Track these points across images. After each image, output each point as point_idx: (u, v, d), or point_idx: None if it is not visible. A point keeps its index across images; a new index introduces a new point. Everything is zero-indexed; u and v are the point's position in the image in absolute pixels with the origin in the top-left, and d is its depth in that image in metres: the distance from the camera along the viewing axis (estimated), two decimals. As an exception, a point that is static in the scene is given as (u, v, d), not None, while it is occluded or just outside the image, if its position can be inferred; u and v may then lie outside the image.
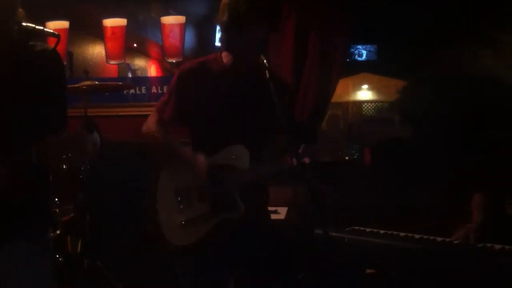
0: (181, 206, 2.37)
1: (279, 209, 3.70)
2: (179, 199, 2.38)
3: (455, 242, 2.47)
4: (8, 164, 1.86)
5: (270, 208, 2.84)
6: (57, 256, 3.46)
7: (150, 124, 2.46)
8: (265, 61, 2.21)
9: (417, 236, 2.58)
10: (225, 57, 2.43)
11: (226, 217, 2.29)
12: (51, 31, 2.07)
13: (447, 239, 2.49)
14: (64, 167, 3.58)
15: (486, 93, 3.63)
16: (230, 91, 2.40)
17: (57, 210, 3.65)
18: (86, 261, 3.51)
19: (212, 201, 2.32)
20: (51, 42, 2.11)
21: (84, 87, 3.69)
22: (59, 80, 2.11)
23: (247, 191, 2.28)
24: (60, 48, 4.92)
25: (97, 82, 3.81)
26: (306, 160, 2.25)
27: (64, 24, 5.05)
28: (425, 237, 2.57)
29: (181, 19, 5.22)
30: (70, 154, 2.25)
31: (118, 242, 3.95)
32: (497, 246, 2.38)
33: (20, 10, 2.02)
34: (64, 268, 3.46)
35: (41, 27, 1.99)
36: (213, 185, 2.30)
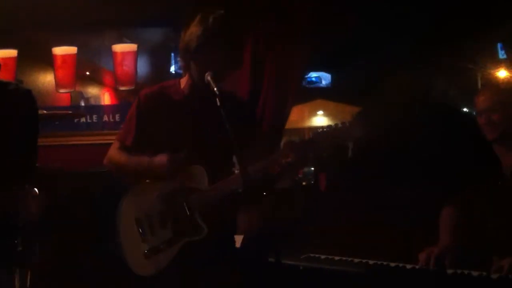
0: (144, 235, 2.35)
1: (235, 237, 3.64)
2: (141, 228, 2.36)
3: (408, 267, 2.45)
4: None
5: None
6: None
7: (112, 152, 2.47)
8: (215, 89, 2.19)
9: (371, 262, 2.57)
10: (183, 82, 2.45)
11: (190, 240, 2.27)
12: (-10, 60, 1.99)
13: (401, 265, 2.48)
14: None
15: (439, 118, 3.71)
16: (187, 116, 2.42)
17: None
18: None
19: (174, 225, 2.30)
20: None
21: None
22: (33, 125, 2.03)
23: (209, 214, 2.27)
24: (9, 77, 4.88)
25: (45, 111, 3.70)
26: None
27: (12, 52, 4.97)
28: (379, 263, 2.55)
29: (133, 46, 5.20)
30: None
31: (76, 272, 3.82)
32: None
33: None
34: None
35: None
36: (173, 209, 2.30)
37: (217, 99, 2.16)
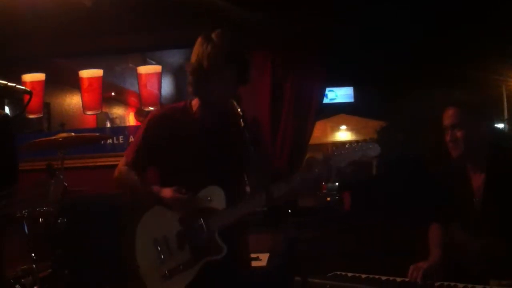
0: (162, 257, 2.36)
1: (261, 255, 3.65)
2: (159, 250, 2.37)
3: (436, 284, 2.44)
4: None
5: (251, 255, 2.81)
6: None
7: (119, 166, 2.49)
8: (239, 109, 2.19)
9: (398, 279, 2.56)
10: (195, 105, 2.46)
11: (209, 260, 2.27)
12: (23, 88, 2.10)
13: (429, 282, 2.47)
14: (40, 221, 3.51)
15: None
16: (199, 138, 2.41)
17: (34, 266, 3.56)
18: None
19: (193, 246, 2.31)
20: (26, 98, 2.12)
21: (60, 140, 3.67)
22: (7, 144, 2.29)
23: (226, 234, 2.28)
24: (37, 100, 4.99)
25: (73, 134, 3.78)
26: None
27: (40, 76, 5.07)
28: (407, 280, 2.54)
29: (157, 68, 5.26)
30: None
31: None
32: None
33: None
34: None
35: (13, 84, 2.01)
36: (192, 229, 2.31)
37: (241, 120, 2.18)
